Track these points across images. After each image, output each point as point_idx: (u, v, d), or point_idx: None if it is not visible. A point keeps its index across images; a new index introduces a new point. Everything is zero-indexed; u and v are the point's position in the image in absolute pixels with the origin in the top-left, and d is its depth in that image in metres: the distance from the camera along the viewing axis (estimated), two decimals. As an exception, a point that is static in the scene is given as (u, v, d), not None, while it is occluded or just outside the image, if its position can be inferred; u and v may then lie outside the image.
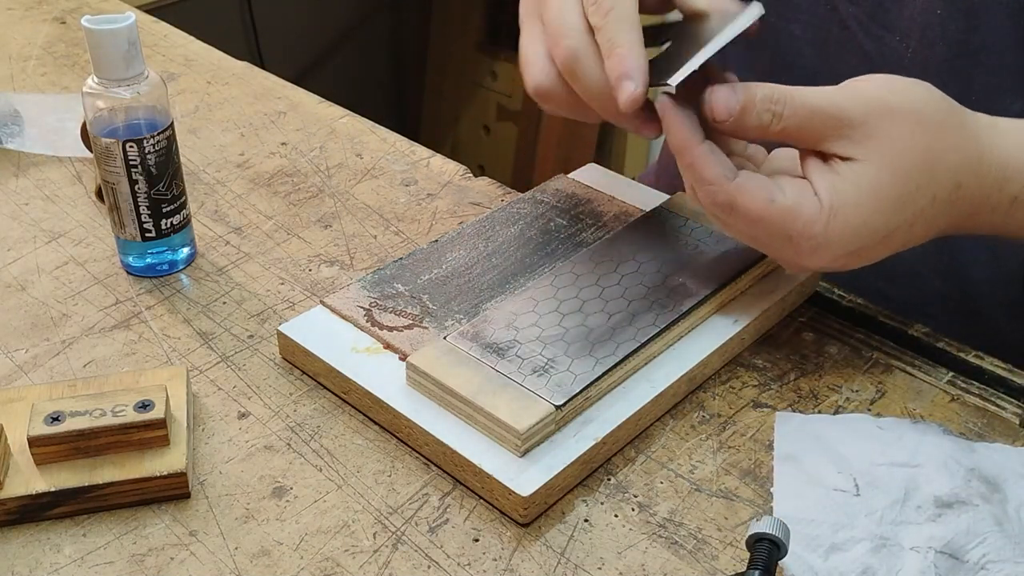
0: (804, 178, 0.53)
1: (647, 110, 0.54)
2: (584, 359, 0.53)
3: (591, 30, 0.53)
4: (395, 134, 0.80)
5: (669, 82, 0.51)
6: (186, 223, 0.64)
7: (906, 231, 0.53)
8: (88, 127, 0.61)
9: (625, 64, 0.51)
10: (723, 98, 0.51)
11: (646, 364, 0.55)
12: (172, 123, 0.61)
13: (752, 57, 0.78)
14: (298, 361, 0.57)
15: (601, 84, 0.53)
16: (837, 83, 0.71)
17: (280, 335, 0.57)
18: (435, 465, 0.52)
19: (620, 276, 0.58)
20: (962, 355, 0.58)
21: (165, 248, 0.64)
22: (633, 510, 0.49)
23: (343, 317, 0.57)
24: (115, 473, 0.49)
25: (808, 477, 0.50)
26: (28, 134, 0.78)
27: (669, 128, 0.52)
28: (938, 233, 0.54)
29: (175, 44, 0.95)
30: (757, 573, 0.42)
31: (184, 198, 0.64)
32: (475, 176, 0.75)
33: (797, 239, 0.52)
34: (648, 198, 0.68)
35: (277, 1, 1.98)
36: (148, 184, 0.61)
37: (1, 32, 0.97)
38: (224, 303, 0.62)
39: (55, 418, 0.49)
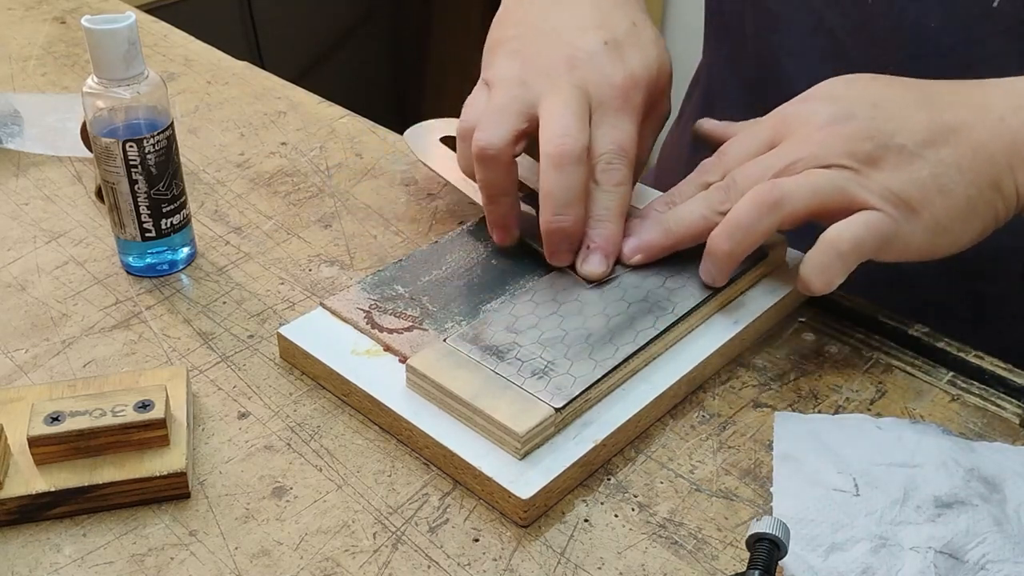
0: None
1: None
2: (584, 361, 0.53)
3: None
4: (395, 134, 0.80)
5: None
6: (186, 223, 0.64)
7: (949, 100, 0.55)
8: (88, 127, 0.61)
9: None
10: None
11: (646, 366, 0.55)
12: (172, 123, 0.61)
13: (741, 74, 0.78)
14: (298, 363, 0.57)
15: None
16: None
17: (280, 337, 0.57)
18: (435, 465, 0.52)
19: (619, 277, 0.58)
20: (962, 355, 0.58)
21: (165, 248, 0.64)
22: (633, 510, 0.49)
23: (343, 319, 0.57)
24: (115, 473, 0.49)
25: (808, 477, 0.50)
26: (28, 134, 0.78)
27: (654, 256, 0.59)
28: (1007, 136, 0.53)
29: (175, 44, 0.95)
30: (757, 573, 0.42)
31: (184, 198, 0.64)
32: (475, 176, 0.75)
33: (824, 109, 0.55)
34: (648, 198, 0.68)
35: (277, 1, 1.98)
36: (148, 184, 0.61)
37: (1, 32, 0.97)
38: (224, 303, 0.62)
39: (55, 418, 0.49)
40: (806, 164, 0.54)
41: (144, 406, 0.50)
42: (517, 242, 0.61)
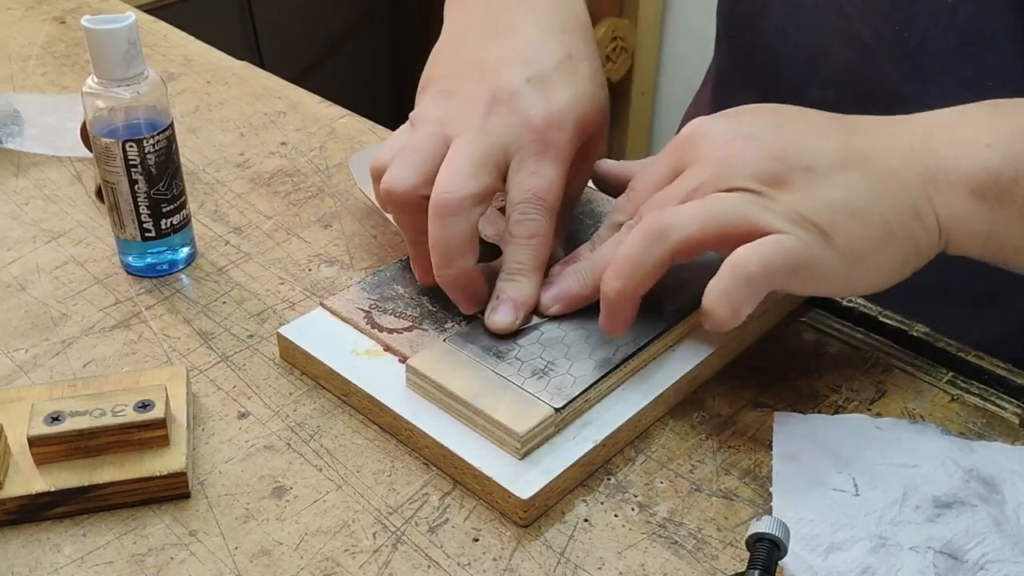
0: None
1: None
2: (583, 362, 0.53)
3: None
4: (395, 134, 0.80)
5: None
6: (186, 223, 0.64)
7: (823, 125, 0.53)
8: (88, 127, 0.61)
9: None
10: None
11: (645, 366, 0.55)
12: (172, 123, 0.61)
13: (751, 49, 0.78)
14: (298, 363, 0.57)
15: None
16: (837, 73, 0.69)
17: (280, 337, 0.57)
18: (435, 465, 0.52)
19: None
20: (962, 355, 0.58)
21: (165, 248, 0.64)
22: (633, 510, 0.49)
23: (343, 319, 0.57)
24: (115, 473, 0.49)
25: (807, 477, 0.50)
26: (28, 134, 0.78)
27: (573, 306, 0.56)
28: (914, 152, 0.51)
29: (175, 44, 0.95)
30: (757, 573, 0.42)
31: (184, 198, 0.64)
32: (475, 176, 0.75)
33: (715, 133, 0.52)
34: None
35: (277, 1, 1.98)
36: (148, 184, 0.61)
37: (1, 32, 0.97)
38: (224, 303, 0.62)
39: (55, 418, 0.49)
40: (708, 188, 0.50)
41: (144, 406, 0.50)
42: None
